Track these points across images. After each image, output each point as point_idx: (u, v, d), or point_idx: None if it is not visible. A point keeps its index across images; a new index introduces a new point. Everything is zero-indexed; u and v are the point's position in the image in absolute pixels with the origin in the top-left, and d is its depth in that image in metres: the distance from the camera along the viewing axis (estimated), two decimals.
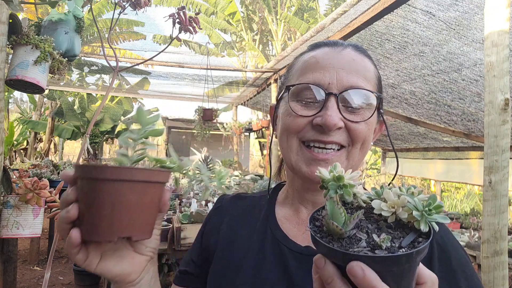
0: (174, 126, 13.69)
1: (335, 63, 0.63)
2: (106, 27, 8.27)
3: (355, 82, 0.62)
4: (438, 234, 0.61)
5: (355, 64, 0.64)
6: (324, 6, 12.36)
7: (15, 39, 1.96)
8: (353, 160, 0.64)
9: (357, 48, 0.68)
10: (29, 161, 7.22)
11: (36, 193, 1.82)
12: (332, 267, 0.38)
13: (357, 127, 0.62)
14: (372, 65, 0.67)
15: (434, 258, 0.59)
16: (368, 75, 0.64)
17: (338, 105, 0.61)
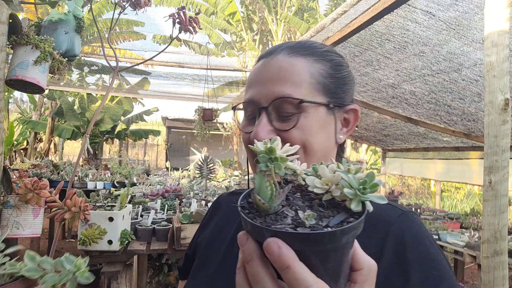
0: (174, 126, 13.69)
1: (263, 77, 0.66)
2: (106, 27, 8.27)
3: (281, 92, 0.63)
4: (397, 226, 0.60)
5: (281, 72, 0.65)
6: (324, 6, 12.35)
7: (15, 39, 1.96)
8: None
9: (292, 50, 0.67)
10: (29, 161, 7.23)
11: (36, 193, 1.82)
12: (254, 245, 0.36)
13: (288, 135, 0.63)
14: (306, 65, 0.66)
15: (386, 249, 0.57)
16: (297, 79, 0.64)
17: (269, 117, 0.64)
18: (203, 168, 3.69)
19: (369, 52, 3.28)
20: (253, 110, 0.66)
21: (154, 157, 17.80)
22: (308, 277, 0.34)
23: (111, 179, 5.74)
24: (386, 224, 0.60)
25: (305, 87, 0.64)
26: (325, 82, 0.67)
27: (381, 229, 0.59)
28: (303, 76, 0.65)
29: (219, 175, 5.72)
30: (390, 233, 0.59)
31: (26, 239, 5.67)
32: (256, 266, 0.36)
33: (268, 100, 0.64)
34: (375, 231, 0.59)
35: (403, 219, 0.62)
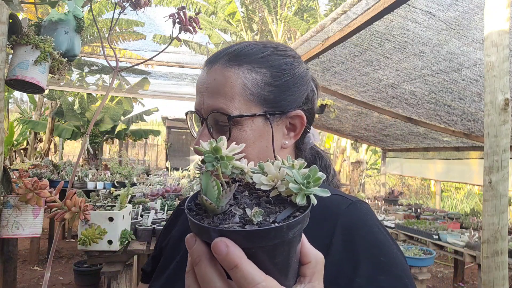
0: (174, 126, 13.68)
1: (201, 87, 0.67)
2: (106, 27, 8.27)
3: (214, 105, 0.64)
4: (345, 216, 0.60)
5: (215, 84, 0.65)
6: (324, 6, 12.35)
7: (15, 39, 1.96)
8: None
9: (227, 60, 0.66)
10: (29, 161, 7.23)
11: (36, 193, 1.82)
12: (202, 246, 0.35)
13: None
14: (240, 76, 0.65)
15: (335, 240, 0.57)
16: (230, 92, 0.64)
17: (209, 128, 0.66)
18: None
19: (369, 52, 3.28)
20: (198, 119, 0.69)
21: (154, 157, 17.80)
22: (256, 274, 0.33)
23: (111, 179, 5.74)
24: (334, 216, 0.60)
25: (239, 100, 0.64)
26: (261, 93, 0.66)
27: (330, 220, 0.59)
28: (236, 89, 0.65)
29: None
30: (338, 223, 0.59)
31: (26, 239, 5.68)
32: (205, 267, 0.35)
33: (206, 112, 0.66)
34: (325, 223, 0.59)
35: (352, 209, 0.62)
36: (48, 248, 5.56)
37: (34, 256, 5.21)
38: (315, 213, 0.56)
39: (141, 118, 10.74)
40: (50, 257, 1.32)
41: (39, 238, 4.94)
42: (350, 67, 3.77)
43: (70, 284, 4.50)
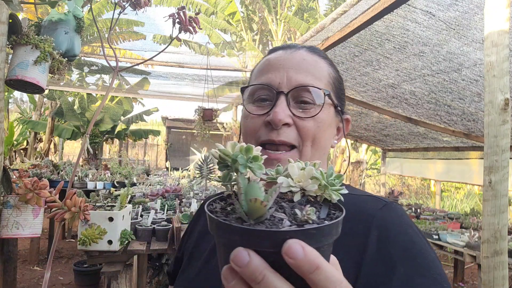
0: (174, 126, 13.69)
1: (285, 63, 0.66)
2: (106, 27, 8.27)
3: (304, 80, 0.64)
4: (380, 217, 0.59)
5: (305, 63, 0.66)
6: (324, 6, 12.36)
7: (15, 39, 1.96)
8: (306, 158, 0.64)
9: (312, 49, 0.70)
10: (29, 161, 7.22)
11: (36, 193, 1.82)
12: (260, 259, 0.30)
13: (305, 124, 0.63)
14: (326, 65, 0.69)
15: (370, 241, 0.56)
16: (318, 74, 0.66)
17: (287, 103, 0.63)
18: (203, 168, 3.69)
19: (369, 52, 3.28)
20: (268, 94, 0.66)
21: (154, 157, 17.80)
22: (336, 274, 0.30)
23: (111, 179, 5.74)
24: (369, 216, 0.59)
25: (325, 83, 0.67)
26: (336, 86, 0.70)
27: (364, 221, 0.59)
28: (324, 73, 0.68)
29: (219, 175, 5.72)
30: (373, 224, 0.58)
31: (26, 239, 5.68)
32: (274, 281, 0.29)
33: (289, 86, 0.64)
34: (359, 224, 0.58)
35: (386, 210, 0.61)
36: (48, 248, 5.56)
37: (34, 256, 5.21)
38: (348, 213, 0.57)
39: (141, 118, 10.74)
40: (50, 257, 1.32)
41: (39, 238, 4.94)
42: (350, 67, 3.76)
43: (70, 284, 4.50)
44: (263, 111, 0.65)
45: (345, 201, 0.58)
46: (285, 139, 0.62)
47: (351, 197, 0.61)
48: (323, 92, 0.64)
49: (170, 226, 2.68)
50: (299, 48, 0.69)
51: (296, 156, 0.64)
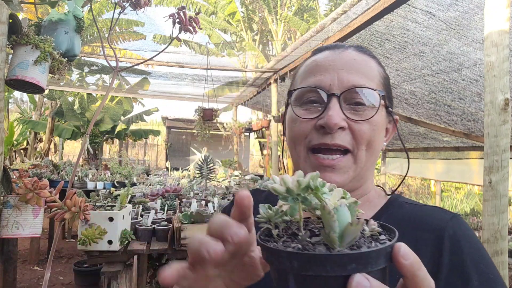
0: (174, 126, 13.69)
1: (335, 64, 0.63)
2: (106, 27, 8.27)
3: (357, 81, 0.61)
4: (450, 228, 0.59)
5: (356, 63, 0.63)
6: (324, 6, 12.37)
7: (15, 39, 1.96)
8: (361, 163, 0.62)
9: (360, 49, 0.67)
10: (29, 161, 7.22)
11: (36, 193, 1.82)
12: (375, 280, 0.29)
13: (360, 127, 0.60)
14: (376, 64, 0.66)
15: (444, 251, 0.57)
16: (370, 74, 0.64)
17: (340, 105, 0.60)
18: (203, 168, 3.69)
19: None
20: (318, 96, 0.62)
21: (154, 157, 17.80)
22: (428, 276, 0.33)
23: (111, 179, 5.74)
24: (439, 227, 0.59)
25: (376, 83, 0.64)
26: (386, 86, 0.67)
27: (435, 230, 0.59)
28: (375, 73, 0.65)
29: (219, 175, 5.72)
30: (445, 235, 0.58)
31: (26, 239, 5.68)
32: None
33: (341, 87, 0.61)
34: (430, 233, 0.59)
35: (456, 221, 0.61)
36: (48, 248, 5.56)
37: (34, 256, 5.21)
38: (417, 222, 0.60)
39: (141, 118, 10.75)
40: (50, 257, 1.32)
41: (39, 238, 4.94)
42: None
43: (70, 284, 4.50)
44: (314, 114, 0.61)
45: (411, 211, 0.64)
46: (341, 143, 0.60)
47: (416, 207, 0.65)
48: (378, 93, 0.62)
49: (170, 226, 2.68)
50: (347, 48, 0.66)
51: (351, 161, 0.61)
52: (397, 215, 0.63)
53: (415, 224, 0.60)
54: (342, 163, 0.60)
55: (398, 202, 0.67)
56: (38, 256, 5.28)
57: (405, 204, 0.66)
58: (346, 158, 0.61)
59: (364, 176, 0.65)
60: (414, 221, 0.61)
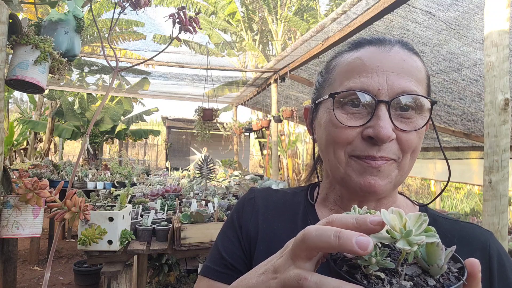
0: (174, 126, 13.70)
1: (384, 65, 0.57)
2: (106, 27, 8.27)
3: (407, 87, 0.56)
4: (493, 246, 0.61)
5: (406, 65, 0.57)
6: (325, 6, 12.36)
7: (15, 39, 1.96)
8: (404, 169, 0.60)
9: (406, 45, 0.61)
10: (29, 161, 7.23)
11: (36, 193, 1.82)
12: None
13: (409, 137, 0.57)
14: (422, 65, 0.61)
15: (493, 269, 0.58)
16: (419, 76, 0.59)
17: (389, 113, 0.55)
18: (203, 168, 3.69)
19: None
20: (364, 101, 0.57)
21: (154, 157, 17.80)
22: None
23: (111, 179, 5.74)
24: (485, 244, 0.61)
25: (424, 88, 0.60)
26: (429, 87, 0.63)
27: (482, 249, 0.60)
28: (423, 75, 0.60)
29: (219, 175, 5.72)
30: (493, 254, 0.59)
31: (26, 239, 5.68)
32: None
33: (391, 93, 0.55)
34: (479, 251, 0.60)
35: (494, 238, 0.62)
36: (48, 248, 5.57)
37: (34, 256, 5.21)
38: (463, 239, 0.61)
39: (141, 118, 10.75)
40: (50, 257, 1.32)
41: (39, 238, 4.95)
42: None
43: (70, 284, 4.50)
44: (359, 122, 0.56)
45: (451, 227, 0.64)
46: (387, 155, 0.56)
47: (452, 223, 0.65)
48: (430, 102, 0.57)
49: (170, 226, 2.68)
50: (394, 44, 0.60)
51: (395, 167, 0.58)
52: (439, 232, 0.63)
53: (462, 241, 0.60)
54: (387, 168, 0.58)
55: (431, 216, 0.64)
56: (38, 256, 5.28)
57: (439, 218, 0.66)
58: (391, 164, 0.58)
59: (401, 183, 0.62)
60: (460, 238, 0.61)
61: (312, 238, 0.34)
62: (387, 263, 0.32)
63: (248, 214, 0.73)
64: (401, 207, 0.66)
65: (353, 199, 0.64)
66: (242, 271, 0.67)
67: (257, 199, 0.76)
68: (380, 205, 0.63)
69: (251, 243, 0.70)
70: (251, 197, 0.77)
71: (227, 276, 0.68)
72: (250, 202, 0.76)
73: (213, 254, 0.73)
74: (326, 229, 0.33)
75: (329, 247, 0.33)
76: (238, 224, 0.73)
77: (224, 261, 0.70)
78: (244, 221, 0.72)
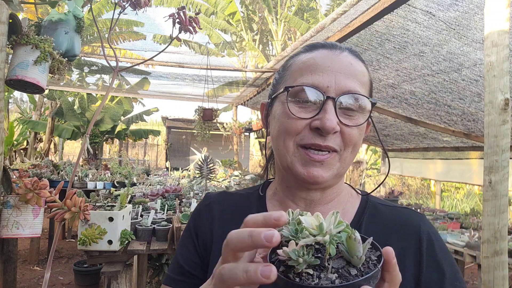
0: (174, 126, 13.69)
1: (333, 66, 0.64)
2: (106, 27, 8.26)
3: (353, 87, 0.63)
4: (424, 228, 0.68)
5: (353, 68, 0.65)
6: (325, 6, 12.35)
7: (15, 39, 1.96)
8: (345, 162, 0.66)
9: (355, 53, 0.69)
10: (29, 161, 7.23)
11: (36, 193, 1.82)
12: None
13: (351, 132, 0.64)
14: (366, 70, 0.69)
15: (422, 247, 0.65)
16: (363, 80, 0.66)
17: (335, 109, 0.62)
18: (203, 168, 3.69)
19: (369, 52, 3.28)
20: (314, 96, 0.63)
21: (154, 157, 17.80)
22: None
23: (111, 179, 5.74)
24: (416, 227, 0.68)
25: (367, 90, 0.68)
26: (371, 92, 0.71)
27: (414, 233, 0.67)
28: (367, 79, 0.68)
29: (219, 175, 5.72)
30: (422, 234, 0.67)
31: (26, 239, 5.68)
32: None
33: (338, 91, 0.63)
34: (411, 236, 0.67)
35: (425, 221, 0.69)
36: (48, 248, 5.57)
37: (34, 256, 5.21)
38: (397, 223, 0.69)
39: (141, 118, 10.74)
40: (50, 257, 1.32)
41: (39, 238, 4.94)
42: None
43: (70, 284, 4.50)
44: (308, 114, 0.63)
45: (389, 212, 0.72)
46: (332, 145, 0.63)
47: (390, 209, 0.73)
48: (371, 101, 0.65)
49: (170, 226, 2.68)
50: (344, 50, 0.68)
51: (337, 159, 0.65)
52: (378, 219, 0.70)
53: (397, 228, 0.68)
54: (330, 160, 0.64)
55: (372, 204, 0.73)
56: (38, 256, 5.28)
57: (379, 205, 0.73)
58: (333, 156, 0.64)
59: (344, 173, 0.69)
60: (396, 224, 0.68)
61: (232, 241, 0.39)
62: (312, 260, 0.37)
63: (203, 221, 0.78)
64: (345, 197, 0.73)
65: (299, 189, 0.69)
66: (200, 277, 0.73)
67: (212, 204, 0.80)
68: (325, 195, 0.70)
69: (207, 248, 0.74)
70: (206, 204, 0.81)
71: (185, 284, 0.73)
72: (206, 208, 0.80)
73: (173, 263, 0.78)
74: (242, 231, 0.39)
75: (246, 246, 0.38)
76: (194, 232, 0.77)
77: (182, 269, 0.74)
78: (200, 228, 0.77)
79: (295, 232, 0.39)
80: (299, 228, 0.39)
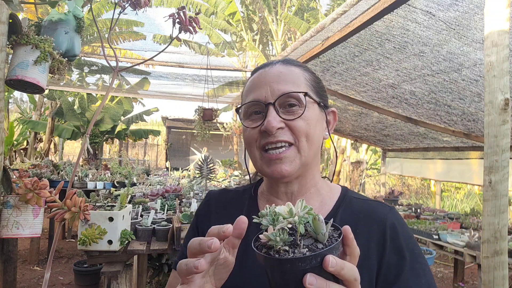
0: (174, 126, 13.69)
1: (266, 79, 0.77)
2: (106, 27, 8.26)
3: (284, 89, 0.75)
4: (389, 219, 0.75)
5: (283, 75, 0.77)
6: (325, 6, 12.34)
7: (15, 39, 1.96)
8: (305, 152, 0.75)
9: (285, 62, 0.81)
10: (29, 161, 7.23)
11: (36, 193, 1.82)
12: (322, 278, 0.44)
13: (295, 124, 0.74)
14: (300, 71, 0.80)
15: (387, 237, 0.72)
16: (296, 80, 0.77)
17: (276, 111, 0.74)
18: (203, 168, 3.69)
19: (369, 52, 3.28)
20: (259, 108, 0.76)
21: (154, 157, 17.80)
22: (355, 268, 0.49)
23: (111, 179, 5.74)
24: (382, 218, 0.75)
25: (303, 87, 0.78)
26: (314, 86, 0.81)
27: (380, 223, 0.75)
28: (300, 78, 0.79)
29: (219, 175, 5.72)
30: (387, 225, 0.74)
31: (26, 239, 5.68)
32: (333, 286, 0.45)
33: (274, 96, 0.75)
34: (377, 223, 0.75)
35: (393, 213, 0.78)
36: (48, 248, 5.57)
37: (34, 256, 5.21)
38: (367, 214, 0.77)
39: (141, 118, 10.74)
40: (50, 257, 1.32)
41: (39, 238, 4.95)
42: (350, 67, 3.77)
43: (70, 284, 4.50)
44: (258, 123, 0.76)
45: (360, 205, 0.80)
46: (282, 138, 0.73)
47: (362, 202, 0.81)
48: (302, 94, 0.75)
49: (170, 226, 2.68)
50: (275, 64, 0.80)
51: (295, 151, 0.74)
52: (350, 210, 0.79)
53: (365, 217, 0.76)
54: (287, 154, 0.74)
55: (348, 198, 0.82)
56: (38, 256, 5.28)
57: (354, 199, 0.82)
58: (290, 149, 0.74)
59: (309, 163, 0.78)
60: (365, 215, 0.76)
61: (190, 247, 0.52)
62: (287, 238, 0.46)
63: (203, 217, 0.90)
64: (323, 190, 0.83)
65: (277, 185, 0.81)
66: None
67: (211, 201, 0.92)
68: (301, 186, 0.80)
69: None
70: (206, 200, 0.93)
71: None
72: (206, 205, 0.92)
73: (180, 251, 0.90)
74: (196, 240, 0.51)
75: (199, 251, 0.50)
76: (196, 226, 0.90)
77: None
78: (200, 223, 0.89)
79: (272, 220, 0.48)
80: (275, 217, 0.48)
